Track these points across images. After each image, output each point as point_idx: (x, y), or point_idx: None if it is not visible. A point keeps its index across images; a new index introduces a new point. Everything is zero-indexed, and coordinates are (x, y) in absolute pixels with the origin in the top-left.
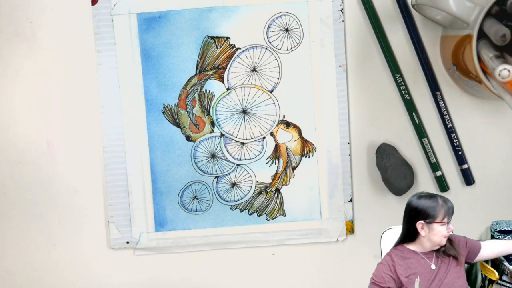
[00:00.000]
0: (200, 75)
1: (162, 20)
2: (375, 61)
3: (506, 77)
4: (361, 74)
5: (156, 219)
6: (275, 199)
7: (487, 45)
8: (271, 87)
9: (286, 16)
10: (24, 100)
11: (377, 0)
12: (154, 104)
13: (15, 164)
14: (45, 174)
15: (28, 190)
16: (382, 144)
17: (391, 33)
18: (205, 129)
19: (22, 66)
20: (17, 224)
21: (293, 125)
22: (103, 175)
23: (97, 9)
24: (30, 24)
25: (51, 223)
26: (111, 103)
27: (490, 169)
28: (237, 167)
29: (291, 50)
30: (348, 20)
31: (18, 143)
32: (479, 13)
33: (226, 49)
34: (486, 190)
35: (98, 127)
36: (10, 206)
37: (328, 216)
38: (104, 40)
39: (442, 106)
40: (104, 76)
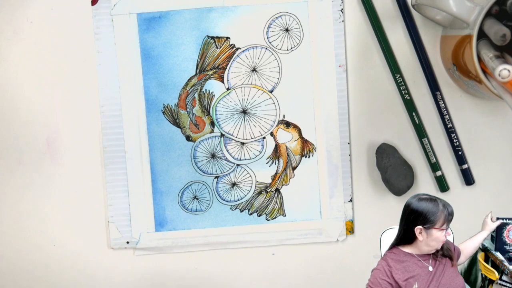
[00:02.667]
0: (200, 75)
1: (162, 20)
2: (375, 61)
3: (506, 77)
4: (362, 75)
5: (156, 219)
6: (275, 199)
7: (487, 45)
8: (271, 87)
9: (286, 16)
10: (24, 100)
11: (377, 0)
12: (154, 104)
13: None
14: (46, 174)
15: (28, 190)
16: (382, 144)
17: (391, 33)
18: (205, 129)
19: (22, 66)
20: (17, 224)
21: (293, 125)
22: (103, 175)
23: (97, 9)
24: (30, 24)
25: (51, 223)
26: (111, 103)
27: (490, 169)
28: (237, 167)
29: (291, 50)
30: (348, 20)
31: (18, 143)
32: (479, 13)
33: (226, 49)
34: (486, 190)
35: (98, 127)
36: (10, 206)
37: (328, 216)
38: (104, 40)
39: (442, 106)
40: (104, 76)
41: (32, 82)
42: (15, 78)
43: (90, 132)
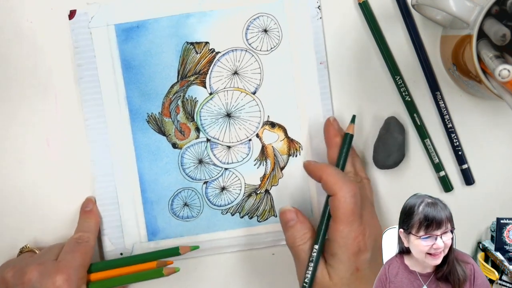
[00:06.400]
0: (182, 82)
1: (140, 30)
2: (375, 62)
3: (506, 77)
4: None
5: (148, 229)
6: (265, 200)
7: (487, 45)
8: (253, 89)
9: (264, 16)
10: (24, 100)
11: (376, 0)
12: (138, 114)
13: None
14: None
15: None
16: (391, 117)
17: (391, 33)
18: (191, 135)
19: (22, 66)
20: (17, 224)
21: (278, 125)
22: (93, 189)
23: (75, 23)
24: (31, 24)
25: (51, 226)
26: (95, 116)
27: (490, 169)
28: (225, 171)
29: (271, 51)
30: (326, 17)
31: (18, 143)
32: (479, 13)
33: (206, 54)
34: (486, 190)
35: (84, 140)
36: (9, 206)
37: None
38: (83, 54)
39: (442, 106)
40: (86, 89)
41: (32, 82)
42: (15, 78)
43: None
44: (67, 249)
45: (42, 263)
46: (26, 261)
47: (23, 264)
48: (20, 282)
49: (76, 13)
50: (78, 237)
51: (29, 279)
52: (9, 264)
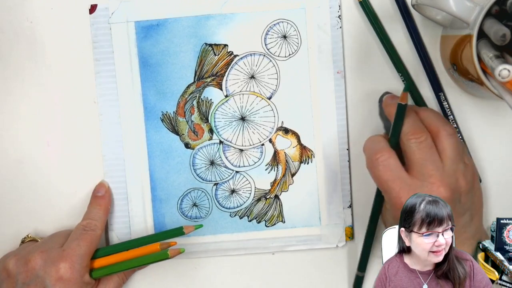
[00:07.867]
0: (199, 83)
1: (160, 28)
2: (377, 65)
3: (506, 77)
4: (361, 80)
5: (156, 227)
6: (274, 206)
7: (487, 45)
8: (269, 94)
9: (284, 23)
10: (24, 100)
11: (376, 0)
12: (152, 112)
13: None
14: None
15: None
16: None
17: (391, 34)
18: (204, 136)
19: (22, 66)
20: (17, 224)
21: (292, 132)
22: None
23: (95, 18)
24: (30, 24)
25: (51, 227)
26: (110, 111)
27: (490, 169)
28: (236, 174)
29: (289, 57)
30: (346, 26)
31: (18, 143)
32: (479, 13)
33: (224, 56)
34: (486, 190)
35: (97, 134)
36: (10, 206)
37: (327, 222)
38: (102, 49)
39: (446, 107)
40: (102, 84)
41: (32, 82)
42: (15, 78)
43: (89, 140)
44: (73, 236)
45: (46, 250)
46: (29, 248)
47: (25, 252)
48: (23, 270)
49: (97, 7)
50: (86, 224)
51: (33, 267)
52: (10, 254)
